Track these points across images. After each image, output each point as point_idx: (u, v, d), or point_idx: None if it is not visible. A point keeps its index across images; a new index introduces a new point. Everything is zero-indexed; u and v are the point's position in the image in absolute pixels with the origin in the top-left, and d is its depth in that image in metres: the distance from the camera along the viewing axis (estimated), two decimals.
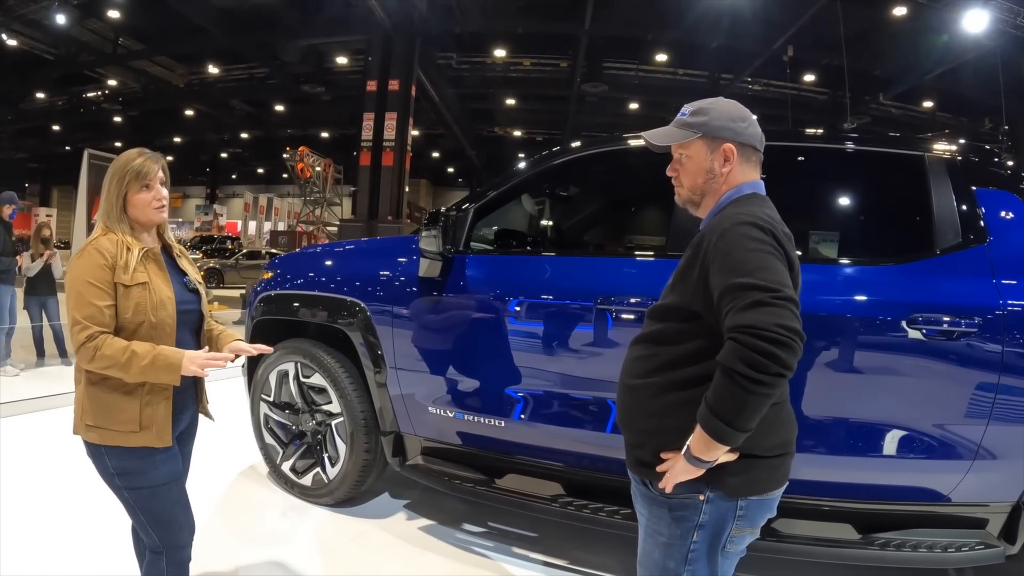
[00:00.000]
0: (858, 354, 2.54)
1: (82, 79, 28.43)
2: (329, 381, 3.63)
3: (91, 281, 2.04)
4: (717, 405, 1.47)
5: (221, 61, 26.61)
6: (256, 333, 4.06)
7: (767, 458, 1.64)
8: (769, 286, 1.45)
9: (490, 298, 3.16)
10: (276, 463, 3.99)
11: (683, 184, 1.82)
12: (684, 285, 1.68)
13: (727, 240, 1.56)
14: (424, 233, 3.12)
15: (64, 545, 3.25)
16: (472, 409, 3.23)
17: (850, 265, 2.70)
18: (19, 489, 3.89)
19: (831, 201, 3.12)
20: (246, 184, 45.61)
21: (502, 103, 29.17)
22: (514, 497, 3.07)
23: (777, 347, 1.39)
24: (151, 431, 2.11)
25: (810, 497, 2.63)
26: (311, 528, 3.59)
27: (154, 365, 2.00)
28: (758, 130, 1.78)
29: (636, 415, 1.73)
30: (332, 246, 4.25)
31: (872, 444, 2.55)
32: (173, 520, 2.21)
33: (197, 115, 32.68)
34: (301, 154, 28.71)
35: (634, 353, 1.79)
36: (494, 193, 3.38)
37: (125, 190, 2.16)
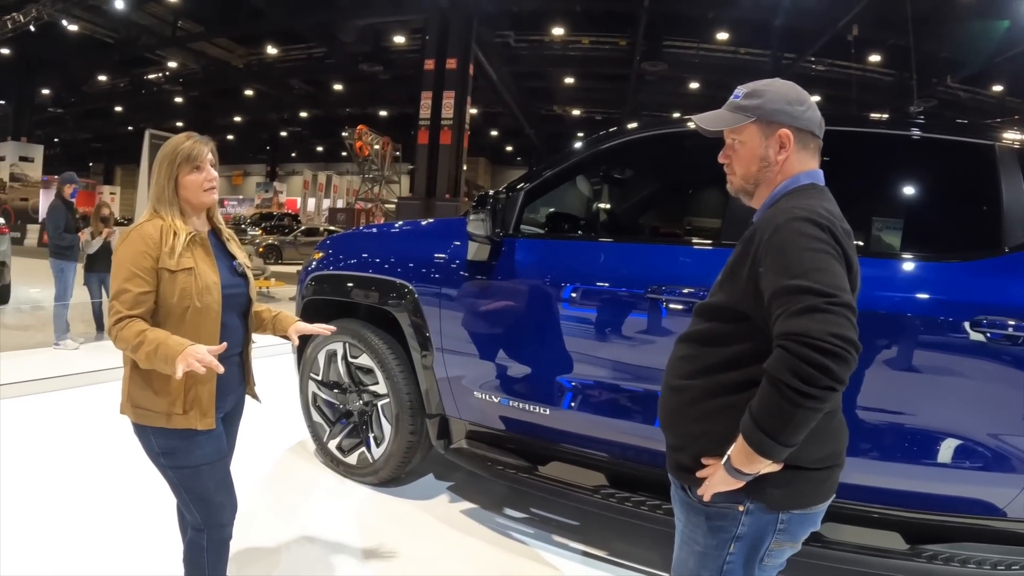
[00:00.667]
0: (915, 356, 2.40)
1: (143, 61, 29.15)
2: (376, 362, 3.64)
3: (130, 267, 2.07)
4: (761, 416, 1.37)
5: (279, 42, 26.94)
6: (306, 312, 4.10)
7: (813, 470, 1.53)
8: (824, 290, 1.34)
9: (537, 283, 3.11)
10: (323, 441, 4.04)
11: (735, 172, 1.70)
12: (733, 283, 1.58)
13: (780, 237, 1.45)
14: (472, 216, 3.08)
15: (113, 514, 3.37)
16: (516, 395, 3.19)
17: (911, 260, 2.53)
18: (76, 459, 4.04)
19: (892, 192, 2.93)
20: (306, 162, 46.31)
21: (560, 82, 28.90)
22: (556, 486, 3.03)
23: (829, 359, 1.28)
24: (194, 413, 2.13)
25: (858, 503, 2.52)
26: (353, 507, 3.63)
27: (156, 353, 1.98)
28: (817, 114, 1.65)
29: (678, 417, 1.65)
30: (382, 227, 4.26)
31: (925, 451, 2.42)
32: (215, 499, 2.24)
33: (256, 95, 33.19)
34: (359, 133, 28.99)
35: (679, 352, 1.70)
36: (545, 175, 3.30)
37: (176, 172, 2.18)
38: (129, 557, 3.00)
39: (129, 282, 2.05)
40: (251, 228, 26.37)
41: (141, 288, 2.06)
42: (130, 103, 34.97)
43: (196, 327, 2.13)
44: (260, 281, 12.30)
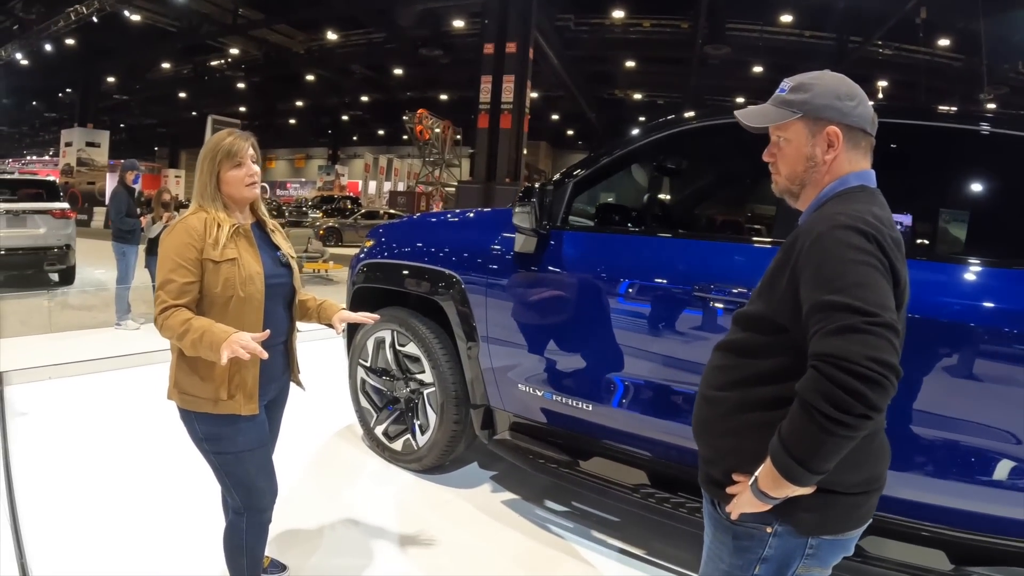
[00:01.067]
0: (976, 369, 2.25)
1: (205, 49, 29.86)
2: (423, 351, 3.67)
3: (175, 258, 2.13)
4: (790, 440, 1.29)
5: (339, 27, 27.23)
6: (356, 300, 4.15)
7: (848, 495, 1.44)
8: (866, 308, 1.24)
9: (582, 278, 3.08)
10: (370, 426, 4.10)
11: (780, 172, 1.60)
12: (771, 293, 1.49)
13: (822, 246, 1.35)
14: (517, 209, 3.06)
15: (160, 493, 3.50)
16: (559, 389, 3.17)
17: (976, 266, 2.34)
18: (130, 438, 4.19)
19: (959, 191, 2.70)
20: (367, 145, 46.85)
21: (621, 65, 28.51)
22: (595, 482, 3.00)
23: (866, 384, 1.20)
24: (237, 400, 2.20)
25: (904, 518, 2.39)
26: (395, 492, 3.68)
27: (202, 341, 2.04)
28: (869, 110, 1.53)
29: (710, 429, 1.58)
30: (432, 216, 4.27)
31: (980, 469, 2.27)
32: (255, 484, 2.31)
33: (317, 80, 33.66)
34: (419, 116, 29.19)
35: (715, 361, 1.63)
36: (594, 167, 3.24)
37: (218, 168, 2.24)
38: (173, 536, 3.12)
39: (174, 272, 2.11)
40: (311, 211, 26.76)
41: (186, 278, 2.12)
42: (193, 89, 35.85)
43: (239, 315, 2.19)
44: (319, 264, 12.52)
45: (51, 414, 4.65)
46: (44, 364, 5.62)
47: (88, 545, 3.01)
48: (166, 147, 50.84)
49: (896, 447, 2.25)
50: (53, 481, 3.60)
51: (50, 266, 10.09)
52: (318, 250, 13.37)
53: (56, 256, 10.03)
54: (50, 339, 6.73)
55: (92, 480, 3.65)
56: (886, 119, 2.39)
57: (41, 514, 3.25)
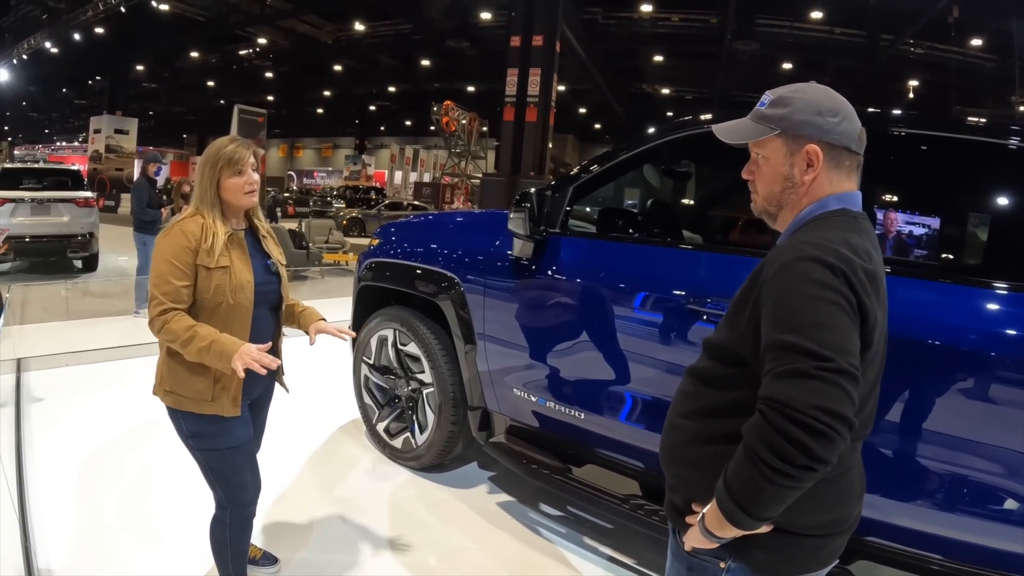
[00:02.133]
0: (988, 399, 2.11)
1: (233, 38, 30.26)
2: (423, 351, 3.68)
3: (172, 261, 2.17)
4: (733, 484, 1.23)
5: (367, 18, 27.33)
6: (361, 297, 4.18)
7: (808, 536, 1.37)
8: (819, 351, 1.16)
9: (578, 285, 3.05)
10: (372, 422, 4.13)
11: (758, 191, 1.50)
12: (734, 322, 1.41)
13: (783, 279, 1.26)
14: (512, 214, 3.05)
15: (167, 479, 3.55)
16: (552, 396, 3.16)
17: (990, 290, 2.18)
18: (151, 424, 4.26)
19: (978, 208, 2.51)
20: (394, 136, 47.03)
21: (649, 60, 28.31)
22: (586, 491, 2.98)
23: (810, 435, 1.12)
24: (221, 402, 2.26)
25: (897, 545, 2.31)
26: (392, 490, 3.70)
27: (210, 350, 2.11)
28: (855, 126, 1.42)
29: (673, 457, 1.51)
30: (437, 217, 4.28)
31: (980, 500, 2.17)
32: (239, 481, 2.39)
33: (345, 70, 33.85)
34: (446, 108, 29.19)
35: (683, 386, 1.56)
36: (597, 171, 3.20)
37: (219, 175, 2.28)
38: (182, 523, 3.18)
39: (172, 274, 2.16)
40: (336, 200, 26.90)
41: (183, 282, 2.17)
42: (221, 78, 36.31)
43: (228, 321, 2.25)
44: (339, 255, 12.59)
45: (66, 400, 4.75)
46: (62, 351, 5.73)
47: (97, 530, 3.11)
48: (194, 135, 51.44)
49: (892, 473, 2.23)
50: (64, 466, 3.69)
51: (73, 253, 10.30)
52: (339, 241, 13.44)
53: (80, 244, 10.23)
54: (69, 326, 6.88)
55: (103, 466, 3.74)
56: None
57: (51, 499, 3.34)
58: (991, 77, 20.75)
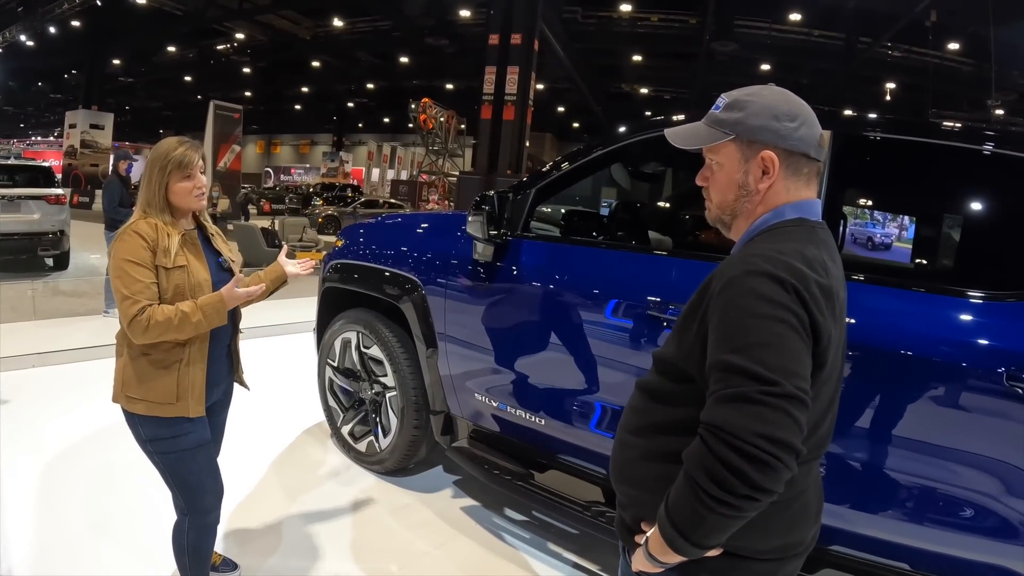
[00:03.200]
0: (955, 407, 2.08)
1: (211, 33, 30.07)
2: (385, 354, 3.64)
3: (134, 260, 2.14)
4: (674, 510, 1.17)
5: (345, 14, 27.23)
6: (325, 299, 4.13)
7: (759, 560, 1.31)
8: (763, 374, 1.10)
9: (537, 289, 3.01)
10: (337, 425, 4.08)
11: (712, 199, 1.43)
12: (682, 337, 1.34)
13: (730, 294, 1.20)
14: (471, 217, 3.01)
15: (140, 483, 3.47)
16: (513, 401, 3.14)
17: (964, 299, 2.14)
18: (120, 426, 4.20)
19: (953, 213, 2.52)
20: (372, 133, 46.82)
21: (628, 59, 28.45)
22: (547, 498, 2.95)
23: (752, 464, 1.06)
24: (186, 402, 2.24)
25: (863, 553, 2.30)
26: (355, 495, 3.66)
27: (205, 314, 2.15)
28: (815, 131, 1.34)
29: (622, 475, 1.44)
30: (398, 219, 4.23)
31: (943, 511, 2.15)
32: (199, 484, 2.35)
33: (323, 66, 33.74)
34: (424, 105, 29.10)
35: (632, 400, 1.48)
36: (560, 174, 3.15)
37: (167, 179, 2.24)
38: (152, 526, 3.14)
39: (138, 273, 2.13)
40: (313, 198, 26.75)
41: (150, 278, 2.15)
42: (199, 73, 36.00)
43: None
44: (312, 254, 12.50)
45: (31, 403, 4.66)
46: (29, 352, 5.62)
47: (61, 533, 3.07)
48: (172, 130, 50.90)
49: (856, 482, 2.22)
50: (28, 470, 3.63)
51: (44, 251, 10.13)
52: (312, 239, 13.35)
53: (50, 242, 10.07)
54: (37, 326, 6.72)
55: (68, 469, 3.69)
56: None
57: (13, 502, 3.29)
58: (967, 81, 21.03)
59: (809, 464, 1.34)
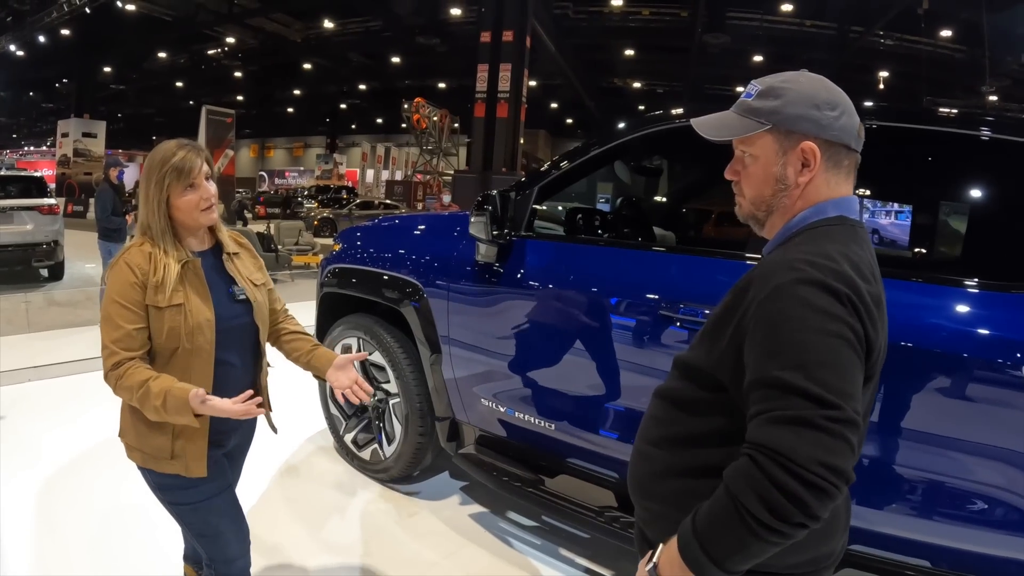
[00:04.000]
0: (964, 400, 2.03)
1: (201, 38, 29.98)
2: (387, 360, 3.56)
3: (120, 301, 1.84)
4: (707, 535, 1.08)
5: (336, 15, 27.17)
6: (323, 304, 4.05)
7: (789, 575, 1.23)
8: (826, 397, 1.02)
9: (543, 290, 2.93)
10: (339, 434, 4.00)
11: (744, 194, 1.33)
12: (713, 342, 1.25)
13: (779, 304, 1.10)
14: (473, 218, 2.93)
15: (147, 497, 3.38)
16: (521, 406, 3.06)
17: (970, 289, 2.09)
18: (110, 439, 4.11)
19: (953, 202, 2.46)
20: (365, 134, 46.73)
21: (620, 54, 28.41)
22: (558, 504, 2.87)
23: (811, 492, 0.99)
24: (183, 460, 1.95)
25: (884, 551, 2.23)
26: (362, 504, 3.59)
27: (166, 407, 1.79)
28: (854, 120, 1.25)
29: (642, 489, 1.36)
30: (399, 220, 4.15)
31: (962, 506, 2.09)
32: (218, 534, 2.08)
33: (315, 68, 33.64)
34: (416, 105, 29.02)
35: (652, 409, 1.40)
36: (562, 171, 3.07)
37: (167, 194, 1.90)
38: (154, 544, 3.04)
39: (121, 317, 1.83)
40: (307, 201, 26.66)
41: (135, 324, 1.85)
42: (191, 78, 35.96)
43: (185, 370, 1.91)
44: (308, 257, 12.41)
45: (27, 418, 4.57)
46: (23, 367, 5.54)
47: (58, 549, 3.01)
48: (165, 136, 50.62)
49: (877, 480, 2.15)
50: (23, 485, 3.55)
51: (39, 262, 10.09)
52: (309, 243, 13.26)
53: (44, 252, 10.02)
54: (31, 339, 6.65)
55: (64, 484, 3.61)
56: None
57: (9, 518, 3.22)
58: (961, 68, 21.00)
59: None
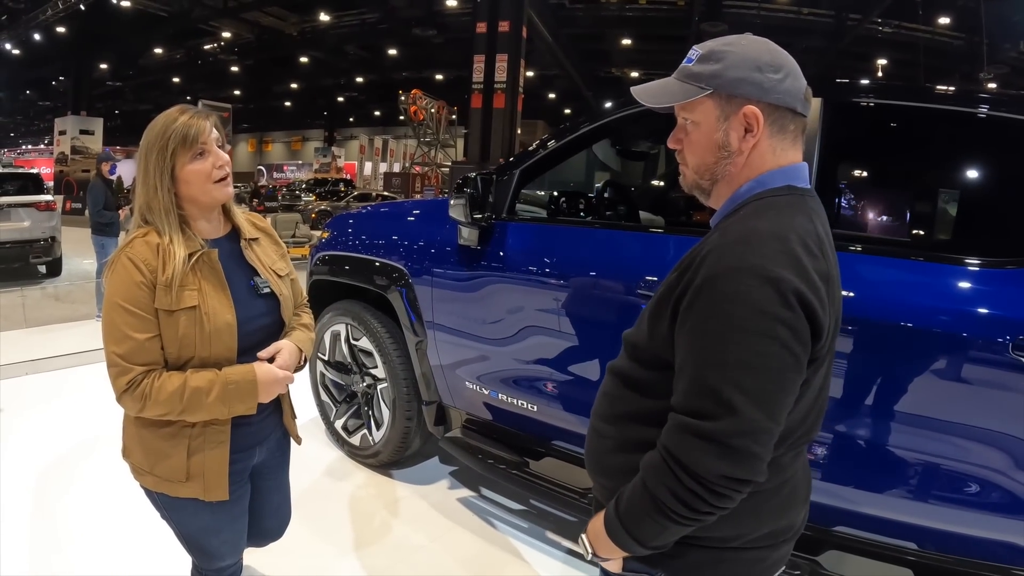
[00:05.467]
0: (952, 380, 2.01)
1: (197, 33, 29.81)
2: (375, 346, 3.57)
3: (125, 305, 1.56)
4: (627, 516, 1.14)
5: (331, 8, 27.03)
6: (313, 291, 4.06)
7: (750, 549, 1.23)
8: (739, 407, 1.02)
9: (524, 272, 2.93)
10: (330, 420, 4.02)
11: (687, 163, 1.27)
12: (656, 321, 1.21)
13: (712, 296, 1.07)
14: (453, 200, 2.93)
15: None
16: (503, 388, 3.07)
17: (964, 267, 2.05)
18: (116, 432, 4.13)
19: (948, 180, 2.43)
20: (363, 126, 46.53)
21: (617, 43, 28.24)
22: (542, 486, 2.88)
23: (715, 497, 1.05)
24: (199, 481, 1.72)
25: (868, 533, 2.22)
26: (351, 489, 3.60)
27: (224, 398, 1.61)
28: (800, 83, 1.19)
29: (596, 463, 1.35)
30: (385, 207, 4.15)
31: (950, 487, 2.08)
32: (219, 556, 1.90)
33: (312, 61, 33.54)
34: (413, 97, 28.89)
35: (605, 386, 1.37)
36: (544, 154, 3.06)
37: (171, 163, 1.62)
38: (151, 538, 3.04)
39: (129, 326, 1.56)
40: (304, 194, 26.61)
41: (147, 332, 1.58)
42: (187, 74, 35.84)
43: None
44: (305, 249, 12.41)
45: (24, 411, 4.59)
46: (21, 360, 5.56)
47: (54, 543, 3.01)
48: None
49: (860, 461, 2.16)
50: (20, 479, 3.56)
51: (36, 258, 10.11)
52: (305, 235, 13.26)
53: (42, 248, 10.04)
54: (29, 334, 6.69)
55: (61, 478, 3.61)
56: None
57: (6, 512, 3.22)
58: (958, 55, 20.88)
59: (798, 450, 1.27)
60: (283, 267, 1.89)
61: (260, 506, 2.02)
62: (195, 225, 1.70)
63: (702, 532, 1.17)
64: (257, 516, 2.02)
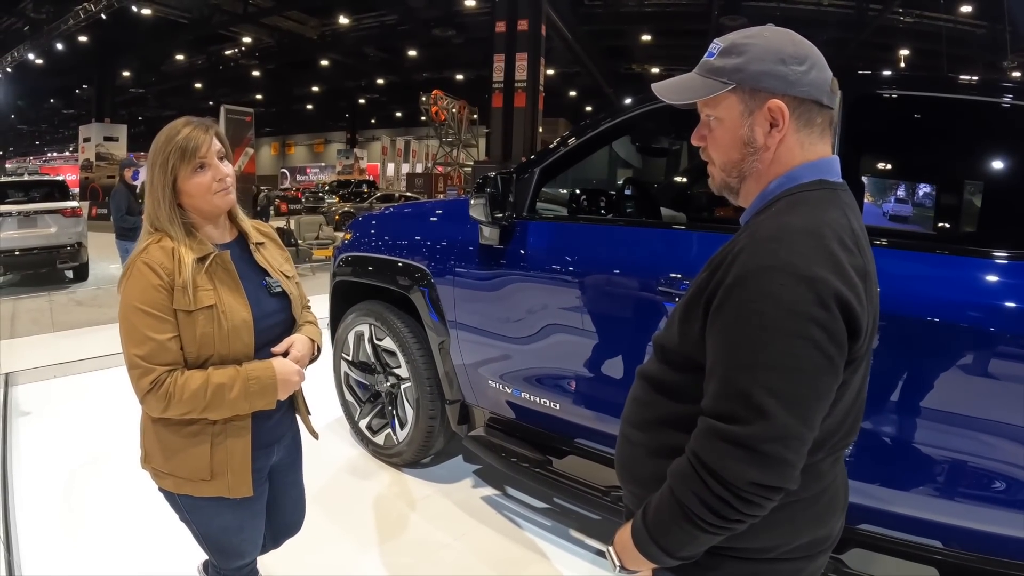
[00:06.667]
0: (979, 376, 1.97)
1: (218, 38, 30.07)
2: (398, 345, 3.59)
3: (144, 308, 1.62)
4: (655, 527, 1.11)
5: (351, 11, 27.11)
6: (336, 292, 4.09)
7: (786, 560, 1.19)
8: (773, 413, 0.99)
9: (546, 271, 2.93)
10: (354, 419, 4.05)
11: (714, 161, 1.23)
12: (686, 323, 1.17)
13: (743, 296, 1.03)
14: (473, 200, 2.94)
15: None
16: (526, 387, 3.07)
17: (991, 260, 2.00)
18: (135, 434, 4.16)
19: (973, 171, 2.37)
20: (385, 128, 46.75)
21: (637, 39, 28.09)
22: (566, 484, 2.88)
23: (745, 505, 1.02)
24: (224, 479, 1.76)
25: (893, 531, 2.19)
26: (376, 488, 3.63)
27: (246, 393, 1.67)
28: (825, 75, 1.15)
29: (626, 470, 1.32)
30: (407, 208, 4.16)
31: (977, 485, 2.05)
32: (238, 555, 1.96)
33: (332, 64, 33.72)
34: (434, 97, 28.93)
35: (635, 391, 1.33)
36: (564, 151, 3.05)
37: (173, 176, 1.69)
38: (175, 538, 3.08)
39: (150, 328, 1.61)
40: (328, 196, 26.77)
41: (167, 333, 1.63)
42: (209, 79, 36.21)
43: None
44: (329, 251, 12.48)
45: (53, 413, 4.67)
46: (50, 363, 5.65)
47: (83, 545, 3.04)
48: None
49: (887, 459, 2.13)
50: (51, 481, 3.62)
51: (63, 264, 10.28)
52: (329, 236, 13.32)
53: (69, 254, 10.22)
54: (57, 337, 6.80)
55: (90, 480, 3.66)
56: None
57: (37, 514, 3.27)
58: (981, 43, 20.52)
59: (836, 456, 1.23)
60: (289, 269, 1.98)
61: (281, 503, 2.11)
62: (203, 231, 1.78)
63: (738, 543, 1.13)
64: (279, 512, 2.11)
